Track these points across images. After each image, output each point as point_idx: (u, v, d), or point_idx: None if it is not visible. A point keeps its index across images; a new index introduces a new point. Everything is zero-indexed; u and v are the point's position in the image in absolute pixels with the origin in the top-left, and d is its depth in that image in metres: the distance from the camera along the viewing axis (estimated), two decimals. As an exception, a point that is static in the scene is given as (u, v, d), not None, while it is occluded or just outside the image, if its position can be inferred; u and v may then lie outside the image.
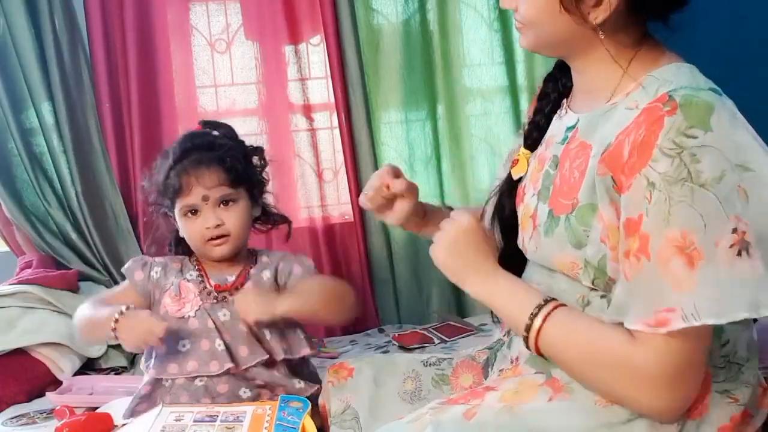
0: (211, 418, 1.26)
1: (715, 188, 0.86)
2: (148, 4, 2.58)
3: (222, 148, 1.47)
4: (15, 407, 1.96)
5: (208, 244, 1.45)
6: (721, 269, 0.85)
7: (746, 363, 1.03)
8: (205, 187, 1.42)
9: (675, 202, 0.86)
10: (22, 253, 2.52)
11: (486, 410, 1.02)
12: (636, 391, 0.92)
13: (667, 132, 0.88)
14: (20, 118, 2.48)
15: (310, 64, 2.72)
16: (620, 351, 0.92)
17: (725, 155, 0.88)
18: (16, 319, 2.11)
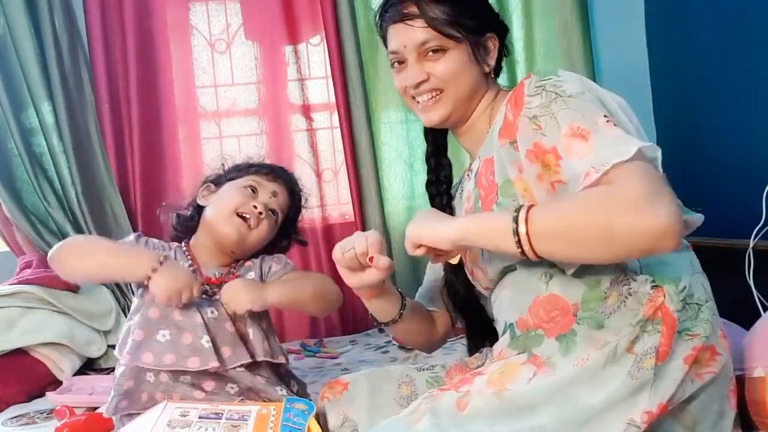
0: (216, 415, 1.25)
1: (581, 97, 1.09)
2: (148, 4, 2.59)
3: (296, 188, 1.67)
4: (15, 407, 1.96)
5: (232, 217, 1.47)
6: (605, 132, 1.05)
7: (704, 304, 1.12)
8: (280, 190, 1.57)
9: (557, 112, 1.09)
10: (22, 253, 2.53)
11: (477, 397, 1.06)
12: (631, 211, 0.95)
13: (529, 85, 1.15)
14: (20, 118, 2.48)
15: (310, 64, 2.73)
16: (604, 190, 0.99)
17: (580, 82, 1.13)
18: (16, 319, 2.11)
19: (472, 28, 1.24)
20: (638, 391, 1.03)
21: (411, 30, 1.23)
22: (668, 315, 1.07)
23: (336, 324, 2.67)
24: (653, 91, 2.82)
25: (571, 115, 1.07)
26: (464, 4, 1.24)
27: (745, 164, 2.32)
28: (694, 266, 1.17)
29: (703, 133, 2.55)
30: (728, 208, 2.40)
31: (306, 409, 1.28)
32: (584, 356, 1.07)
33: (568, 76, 1.15)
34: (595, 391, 1.03)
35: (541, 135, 1.09)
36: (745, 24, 2.30)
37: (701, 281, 1.16)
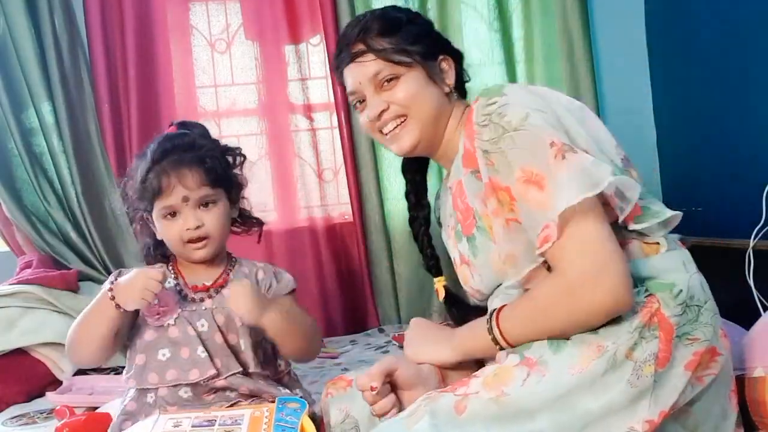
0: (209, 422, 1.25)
1: (526, 124, 1.09)
2: (147, 4, 2.59)
3: (202, 148, 1.43)
4: (15, 407, 1.96)
5: (187, 246, 1.42)
6: (559, 175, 1.06)
7: (704, 305, 1.11)
8: (186, 187, 1.39)
9: (507, 152, 1.10)
10: (22, 253, 2.53)
11: (475, 401, 1.06)
12: (581, 301, 1.05)
13: (477, 112, 1.15)
14: (20, 118, 2.48)
15: (310, 64, 2.73)
16: (551, 287, 1.09)
17: (521, 103, 1.12)
18: (16, 319, 2.11)
19: (422, 52, 1.26)
20: (638, 399, 1.04)
21: (363, 66, 1.27)
22: (665, 321, 1.07)
23: (336, 324, 2.67)
24: (653, 91, 2.83)
25: (522, 156, 1.09)
26: (409, 32, 1.27)
27: (745, 164, 2.32)
28: (688, 267, 1.17)
29: (703, 133, 2.55)
30: (728, 208, 2.41)
31: (298, 407, 1.28)
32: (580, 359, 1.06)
33: (513, 96, 1.14)
34: (594, 397, 1.04)
35: (495, 172, 1.12)
36: (745, 24, 2.30)
37: (698, 281, 1.16)
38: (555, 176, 1.06)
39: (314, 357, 1.51)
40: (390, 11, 1.34)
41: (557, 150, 1.07)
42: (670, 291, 1.09)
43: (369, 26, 1.28)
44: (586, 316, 1.05)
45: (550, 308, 1.08)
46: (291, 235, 2.66)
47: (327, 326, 2.65)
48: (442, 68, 1.29)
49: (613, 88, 2.82)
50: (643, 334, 1.06)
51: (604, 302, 1.04)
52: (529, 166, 1.08)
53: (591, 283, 1.04)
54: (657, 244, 1.17)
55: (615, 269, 1.04)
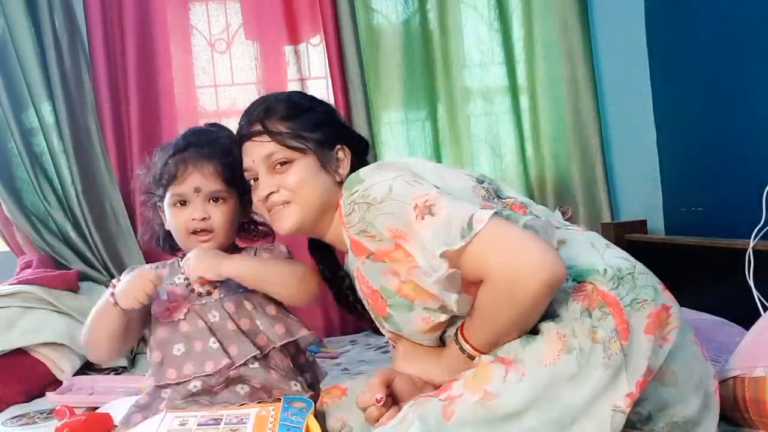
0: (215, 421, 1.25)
1: (390, 197, 1.15)
2: (148, 4, 2.59)
3: (223, 146, 1.48)
4: (15, 407, 1.96)
5: (191, 238, 1.44)
6: (420, 233, 1.11)
7: (634, 271, 1.16)
8: (202, 176, 1.42)
9: (373, 220, 1.16)
10: (22, 253, 2.53)
11: (462, 406, 1.07)
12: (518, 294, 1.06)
13: (343, 203, 1.22)
14: (20, 118, 2.48)
15: (310, 64, 2.73)
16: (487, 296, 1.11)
17: (383, 179, 1.18)
18: (16, 319, 2.11)
19: (318, 140, 1.31)
20: (616, 378, 1.06)
21: (258, 146, 1.32)
22: (607, 296, 1.11)
23: (336, 324, 2.67)
24: (653, 91, 2.83)
25: (386, 219, 1.14)
26: (308, 119, 1.33)
27: (745, 164, 2.32)
28: (597, 245, 1.22)
29: (703, 133, 2.55)
30: (728, 208, 2.41)
31: (304, 406, 1.28)
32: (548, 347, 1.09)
33: (371, 178, 1.20)
34: (576, 390, 1.06)
35: (378, 242, 1.17)
36: (745, 24, 2.30)
37: (614, 254, 1.20)
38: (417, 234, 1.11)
39: (310, 299, 1.48)
40: (295, 96, 1.44)
41: (419, 212, 1.12)
42: (595, 272, 1.14)
43: (272, 108, 1.36)
44: (532, 300, 1.06)
45: (498, 313, 1.10)
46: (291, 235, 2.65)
47: (327, 326, 2.65)
48: (338, 157, 1.33)
49: (613, 88, 2.82)
50: (595, 315, 1.10)
51: (540, 280, 1.04)
52: (394, 226, 1.14)
53: (516, 274, 1.05)
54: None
55: (529, 247, 1.06)
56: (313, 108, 1.37)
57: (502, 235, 1.08)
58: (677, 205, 2.75)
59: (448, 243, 1.08)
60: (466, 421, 1.06)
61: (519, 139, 2.76)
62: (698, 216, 2.61)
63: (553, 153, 2.77)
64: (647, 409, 1.10)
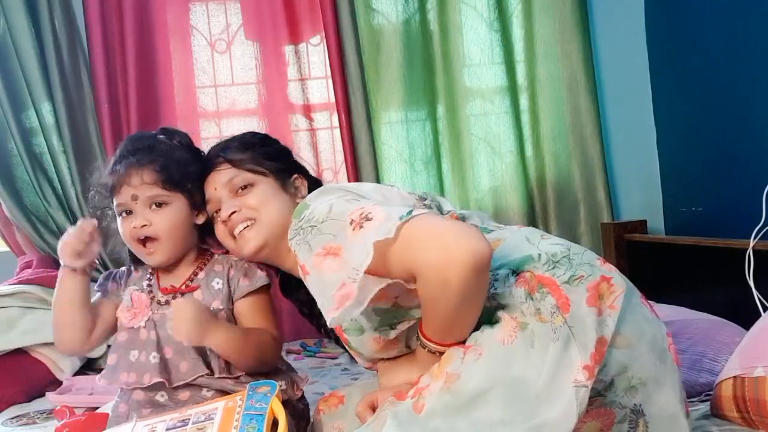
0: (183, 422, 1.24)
1: (329, 216, 1.16)
2: (147, 5, 2.59)
3: (160, 151, 1.45)
4: (15, 407, 1.96)
5: (139, 247, 1.43)
6: (355, 244, 1.10)
7: (570, 252, 1.20)
8: (133, 185, 1.40)
9: (311, 240, 1.17)
10: (22, 253, 2.53)
11: (429, 397, 1.09)
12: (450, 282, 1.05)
13: (290, 230, 1.23)
14: (20, 118, 2.48)
15: (310, 64, 2.73)
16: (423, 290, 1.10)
17: (324, 201, 1.20)
18: (16, 319, 2.12)
19: (276, 168, 1.40)
20: (566, 350, 1.08)
21: (219, 174, 1.40)
22: (544, 278, 1.15)
23: (336, 324, 2.67)
24: (653, 91, 2.83)
25: (323, 238, 1.15)
26: (264, 150, 1.42)
27: (745, 164, 2.32)
28: (532, 239, 1.25)
29: (703, 134, 2.55)
30: (728, 208, 2.41)
31: (268, 390, 1.25)
32: (503, 329, 1.11)
33: (315, 201, 1.23)
34: (534, 367, 1.08)
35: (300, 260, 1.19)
36: (745, 24, 2.30)
37: (548, 243, 1.23)
38: (352, 244, 1.11)
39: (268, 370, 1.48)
40: (249, 135, 1.50)
41: (355, 224, 1.12)
42: (530, 260, 1.18)
43: (229, 145, 1.45)
44: (464, 284, 1.05)
45: (439, 304, 1.10)
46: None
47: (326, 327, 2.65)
48: (296, 185, 1.41)
49: (612, 88, 2.82)
50: (536, 297, 1.13)
51: (464, 263, 1.03)
52: (330, 244, 1.14)
53: (442, 262, 1.05)
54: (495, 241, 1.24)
55: (450, 233, 1.06)
56: (269, 144, 1.47)
57: (424, 227, 1.09)
58: (677, 205, 2.75)
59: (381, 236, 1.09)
60: (435, 411, 1.07)
61: (519, 139, 2.75)
62: (698, 216, 2.61)
63: (553, 153, 2.77)
64: (609, 375, 1.12)
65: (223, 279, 1.46)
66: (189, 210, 1.45)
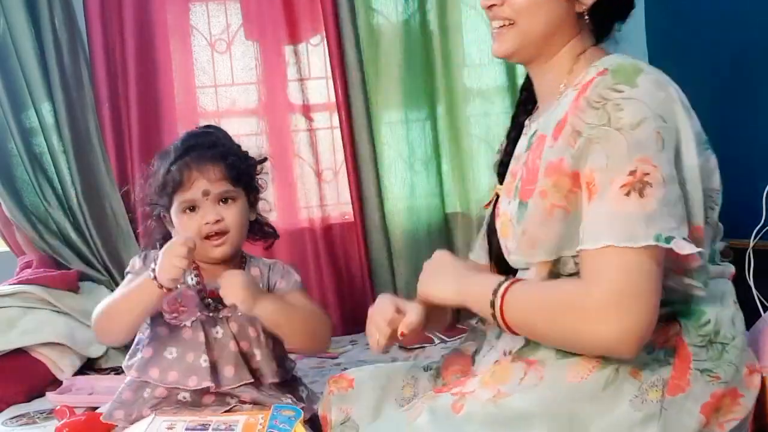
0: (203, 426, 1.25)
1: (629, 133, 0.96)
2: (147, 5, 2.59)
3: (224, 147, 1.47)
4: (15, 407, 1.96)
5: (207, 243, 1.42)
6: (605, 204, 0.96)
7: (731, 342, 1.04)
8: (208, 180, 1.40)
9: (593, 142, 0.98)
10: (22, 253, 2.53)
11: (472, 402, 1.05)
12: (588, 324, 0.95)
13: (596, 86, 1.00)
14: (20, 118, 2.48)
15: (310, 64, 2.73)
16: (569, 293, 1.00)
17: (648, 105, 0.98)
18: (16, 319, 2.11)
19: None
20: (643, 425, 0.98)
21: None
22: (683, 348, 1.01)
23: (336, 324, 2.67)
24: (653, 91, 2.82)
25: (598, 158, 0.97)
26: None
27: (745, 164, 2.32)
28: (725, 299, 1.09)
29: (703, 133, 2.55)
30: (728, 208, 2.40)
31: (293, 415, 1.28)
32: (579, 366, 1.02)
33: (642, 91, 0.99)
34: (594, 413, 0.99)
35: (570, 155, 1.00)
36: (745, 24, 2.30)
37: (731, 315, 1.08)
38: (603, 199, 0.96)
39: (322, 348, 1.51)
40: None
41: (630, 181, 0.95)
42: (696, 320, 1.03)
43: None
44: (585, 340, 0.97)
45: (558, 313, 1.00)
46: (291, 235, 2.66)
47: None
48: None
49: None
50: (656, 356, 1.01)
51: (609, 339, 0.94)
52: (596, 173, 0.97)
53: (607, 314, 0.94)
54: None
55: (638, 315, 0.93)
56: None
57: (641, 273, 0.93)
58: (677, 205, 2.74)
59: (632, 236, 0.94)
60: (475, 418, 1.03)
61: (519, 139, 2.75)
62: (698, 216, 2.60)
63: (553, 153, 2.76)
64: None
65: (263, 283, 1.49)
66: (248, 207, 1.48)
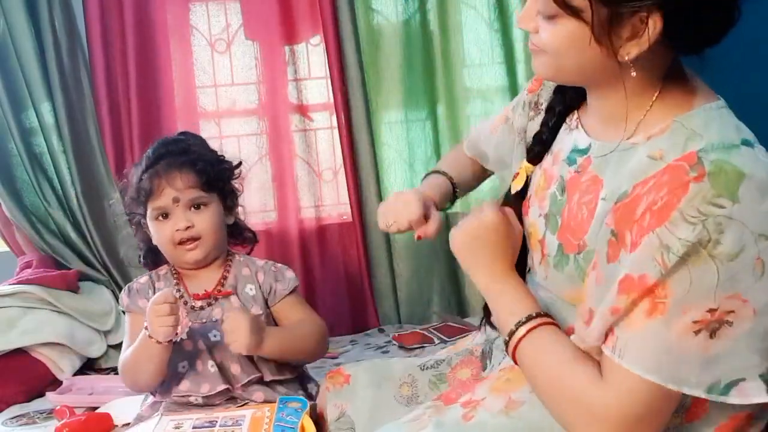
0: (210, 423, 1.26)
1: (725, 265, 0.82)
2: (147, 5, 2.59)
3: (195, 153, 1.48)
4: (15, 407, 1.96)
5: (179, 248, 1.44)
6: (667, 333, 0.83)
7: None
8: (176, 188, 1.42)
9: (687, 268, 0.82)
10: (22, 253, 2.53)
11: (484, 413, 1.03)
12: (585, 425, 0.90)
13: (692, 199, 0.82)
14: (20, 118, 2.48)
15: (310, 64, 2.73)
16: (584, 389, 0.90)
17: (749, 228, 0.82)
18: (16, 319, 2.11)
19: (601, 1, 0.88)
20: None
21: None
22: None
23: (336, 324, 2.67)
24: (653, 91, 2.82)
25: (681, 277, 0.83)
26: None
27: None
28: None
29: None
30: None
31: (299, 406, 1.28)
32: None
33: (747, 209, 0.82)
34: None
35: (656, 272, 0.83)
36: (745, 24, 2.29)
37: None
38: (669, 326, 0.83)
39: (321, 356, 1.54)
40: None
41: (705, 320, 0.82)
42: None
43: None
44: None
45: (562, 394, 0.93)
46: (290, 235, 2.66)
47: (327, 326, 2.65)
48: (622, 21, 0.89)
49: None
50: None
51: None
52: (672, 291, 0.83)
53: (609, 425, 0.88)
54: None
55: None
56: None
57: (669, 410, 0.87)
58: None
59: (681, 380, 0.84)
60: (485, 426, 1.01)
61: (519, 139, 2.75)
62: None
63: (553, 153, 2.77)
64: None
65: (254, 284, 1.50)
66: (223, 211, 1.48)
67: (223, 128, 2.72)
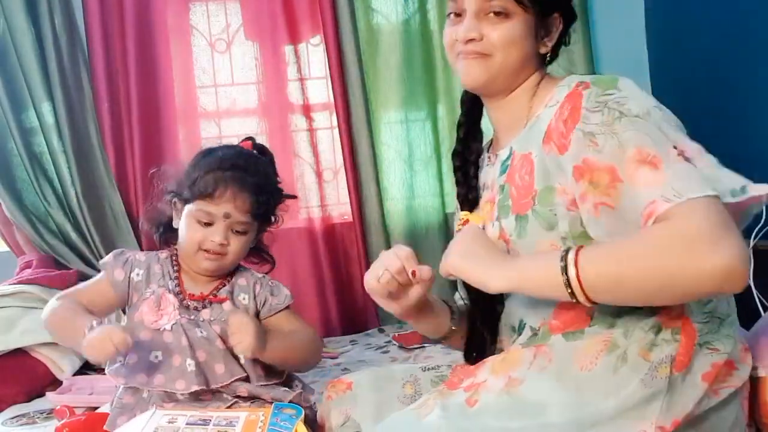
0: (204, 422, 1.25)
1: (648, 119, 1.03)
2: (147, 5, 2.59)
3: (263, 180, 1.46)
4: (15, 407, 1.96)
5: (200, 253, 1.43)
6: (678, 165, 0.99)
7: (727, 318, 1.09)
8: (233, 205, 1.41)
9: (620, 132, 1.01)
10: (22, 253, 2.53)
11: (486, 394, 1.06)
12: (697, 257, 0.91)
13: (588, 98, 1.06)
14: (20, 118, 2.49)
15: (310, 64, 2.73)
16: (664, 233, 0.94)
17: (644, 99, 1.06)
18: (16, 319, 2.11)
19: (541, 2, 1.16)
20: (650, 401, 1.00)
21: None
22: (689, 326, 1.04)
23: (336, 324, 2.67)
24: (653, 91, 2.82)
25: (639, 138, 1.00)
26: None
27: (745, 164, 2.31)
28: None
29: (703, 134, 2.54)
30: (728, 208, 2.40)
31: (294, 413, 1.28)
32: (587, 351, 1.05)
33: (631, 90, 1.07)
34: (606, 395, 1.01)
35: (596, 152, 1.02)
36: (745, 23, 2.30)
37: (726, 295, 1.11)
38: (673, 163, 0.98)
39: (315, 365, 1.55)
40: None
41: (679, 152, 1.00)
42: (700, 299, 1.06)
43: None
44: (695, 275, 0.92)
45: (655, 256, 0.93)
46: (290, 235, 2.66)
47: (326, 326, 2.65)
48: (549, 26, 1.20)
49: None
50: (664, 335, 1.03)
51: (721, 266, 0.91)
52: (647, 149, 0.99)
53: (711, 242, 0.91)
54: None
55: (736, 240, 0.93)
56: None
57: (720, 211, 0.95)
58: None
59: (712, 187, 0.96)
60: (489, 410, 1.03)
61: (519, 139, 2.76)
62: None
63: (553, 153, 2.77)
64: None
65: (249, 294, 1.49)
66: (254, 236, 1.50)
67: (223, 128, 2.72)
